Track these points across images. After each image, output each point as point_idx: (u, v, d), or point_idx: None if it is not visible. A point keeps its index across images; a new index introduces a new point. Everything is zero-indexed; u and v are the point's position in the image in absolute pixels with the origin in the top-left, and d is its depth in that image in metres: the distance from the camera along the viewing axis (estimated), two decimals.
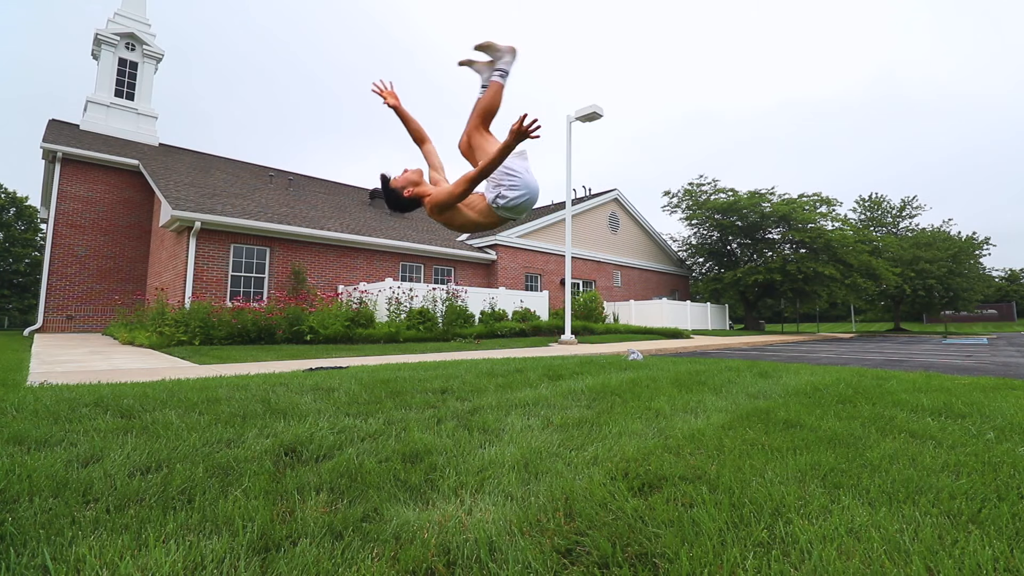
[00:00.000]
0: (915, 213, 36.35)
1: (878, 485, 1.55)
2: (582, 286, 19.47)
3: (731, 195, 23.48)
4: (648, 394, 3.25)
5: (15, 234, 30.43)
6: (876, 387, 3.64)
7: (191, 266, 10.30)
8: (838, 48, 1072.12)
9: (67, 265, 13.36)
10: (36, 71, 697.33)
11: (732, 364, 5.40)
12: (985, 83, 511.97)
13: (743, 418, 2.54)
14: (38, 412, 2.37)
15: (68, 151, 13.30)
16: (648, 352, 8.18)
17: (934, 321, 44.86)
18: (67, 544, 1.12)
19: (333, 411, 2.58)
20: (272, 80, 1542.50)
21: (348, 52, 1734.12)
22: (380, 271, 13.53)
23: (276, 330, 8.48)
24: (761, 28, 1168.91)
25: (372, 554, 1.12)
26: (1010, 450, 1.95)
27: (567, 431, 2.25)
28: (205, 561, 1.06)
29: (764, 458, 1.82)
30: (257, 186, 15.16)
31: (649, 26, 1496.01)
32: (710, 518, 1.28)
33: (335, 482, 1.55)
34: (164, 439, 1.95)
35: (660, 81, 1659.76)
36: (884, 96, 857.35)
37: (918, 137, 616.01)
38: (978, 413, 2.67)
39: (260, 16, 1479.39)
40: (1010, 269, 54.07)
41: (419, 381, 3.66)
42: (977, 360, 7.50)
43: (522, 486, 1.53)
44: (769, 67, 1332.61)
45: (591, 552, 1.14)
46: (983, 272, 34.59)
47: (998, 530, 1.24)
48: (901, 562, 1.09)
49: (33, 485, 1.44)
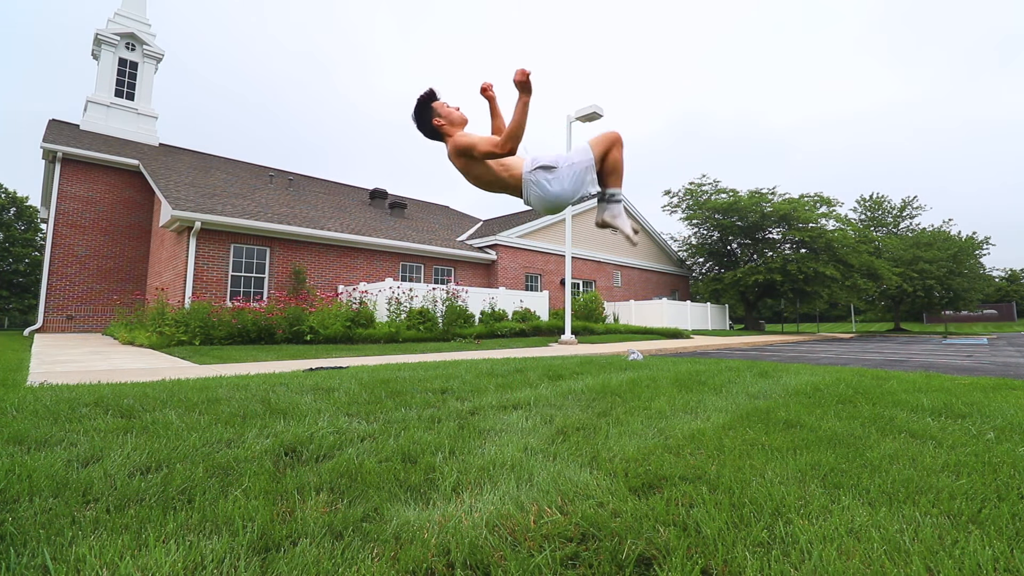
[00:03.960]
0: (915, 213, 36.37)
1: (878, 485, 1.55)
2: (582, 286, 19.46)
3: (732, 195, 23.47)
4: (648, 394, 3.25)
5: (15, 234, 30.42)
6: (876, 387, 3.64)
7: (191, 266, 10.30)
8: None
9: (67, 265, 13.36)
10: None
11: (732, 364, 5.39)
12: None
13: (743, 418, 2.54)
14: (38, 412, 2.37)
15: (68, 151, 13.31)
16: (648, 352, 8.18)
17: (934, 321, 44.87)
18: (67, 544, 1.12)
19: (333, 411, 2.58)
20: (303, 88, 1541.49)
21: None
22: (380, 271, 13.53)
23: (276, 330, 8.48)
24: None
25: (372, 554, 1.12)
26: (1010, 450, 1.95)
27: (567, 431, 2.25)
28: (205, 561, 1.06)
29: (764, 458, 1.82)
30: (257, 186, 15.16)
31: (649, 29, 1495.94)
32: (710, 518, 1.28)
33: (335, 482, 1.55)
34: (164, 439, 1.95)
35: (657, 83, 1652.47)
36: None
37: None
38: (978, 413, 2.67)
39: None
40: (1010, 269, 54.07)
41: (419, 381, 3.66)
42: (977, 360, 7.49)
43: (522, 486, 1.53)
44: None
45: (591, 552, 1.14)
46: (983, 272, 34.59)
47: (998, 530, 1.24)
48: (901, 562, 1.09)
49: (33, 485, 1.44)
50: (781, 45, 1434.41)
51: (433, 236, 15.96)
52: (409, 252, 14.17)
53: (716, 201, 23.42)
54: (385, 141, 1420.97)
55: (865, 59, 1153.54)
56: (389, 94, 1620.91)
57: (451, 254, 15.06)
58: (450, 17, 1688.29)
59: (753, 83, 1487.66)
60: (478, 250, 16.20)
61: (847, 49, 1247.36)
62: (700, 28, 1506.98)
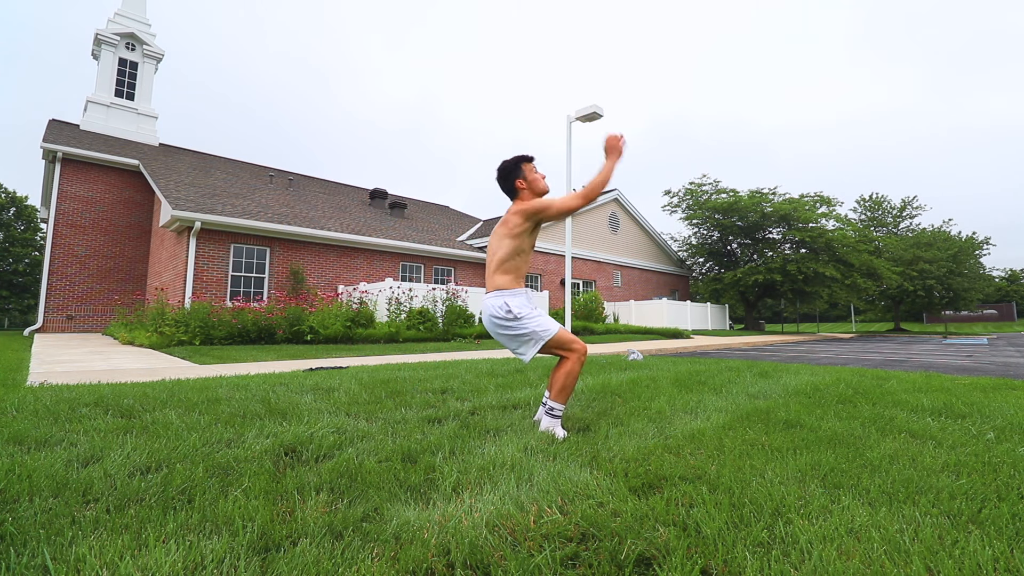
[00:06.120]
0: (915, 213, 36.34)
1: (878, 485, 1.55)
2: (582, 286, 19.46)
3: (732, 195, 23.46)
4: (648, 394, 3.25)
5: (15, 234, 30.41)
6: (876, 387, 3.64)
7: (191, 266, 10.29)
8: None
9: (67, 265, 13.36)
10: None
11: (732, 364, 5.39)
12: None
13: (743, 418, 2.54)
14: (38, 412, 2.37)
15: (68, 151, 13.30)
16: (648, 352, 8.18)
17: (934, 321, 44.88)
18: (67, 544, 1.12)
19: (333, 411, 2.58)
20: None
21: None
22: (380, 271, 13.52)
23: (276, 330, 8.47)
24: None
25: (372, 554, 1.12)
26: (1010, 450, 1.95)
27: (567, 431, 2.25)
28: (205, 561, 1.06)
29: (764, 458, 1.82)
30: (257, 186, 15.16)
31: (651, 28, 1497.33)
32: (710, 518, 1.28)
33: (335, 482, 1.55)
34: (164, 439, 1.95)
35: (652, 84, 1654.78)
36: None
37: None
38: (978, 413, 2.67)
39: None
40: (1010, 269, 54.08)
41: (419, 381, 3.66)
42: (977, 360, 7.49)
43: (522, 486, 1.53)
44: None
45: (591, 552, 1.14)
46: (983, 272, 34.59)
47: (998, 530, 1.24)
48: (901, 562, 1.09)
49: (33, 485, 1.44)
50: (765, 52, 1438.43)
51: (433, 236, 15.96)
52: (409, 252, 14.17)
53: (716, 201, 23.41)
54: (381, 145, 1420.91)
55: (848, 67, 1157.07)
56: (386, 100, 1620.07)
57: (451, 254, 15.06)
58: (443, 26, 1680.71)
59: (737, 88, 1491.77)
60: (478, 250, 16.19)
61: (832, 56, 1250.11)
62: (691, 34, 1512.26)
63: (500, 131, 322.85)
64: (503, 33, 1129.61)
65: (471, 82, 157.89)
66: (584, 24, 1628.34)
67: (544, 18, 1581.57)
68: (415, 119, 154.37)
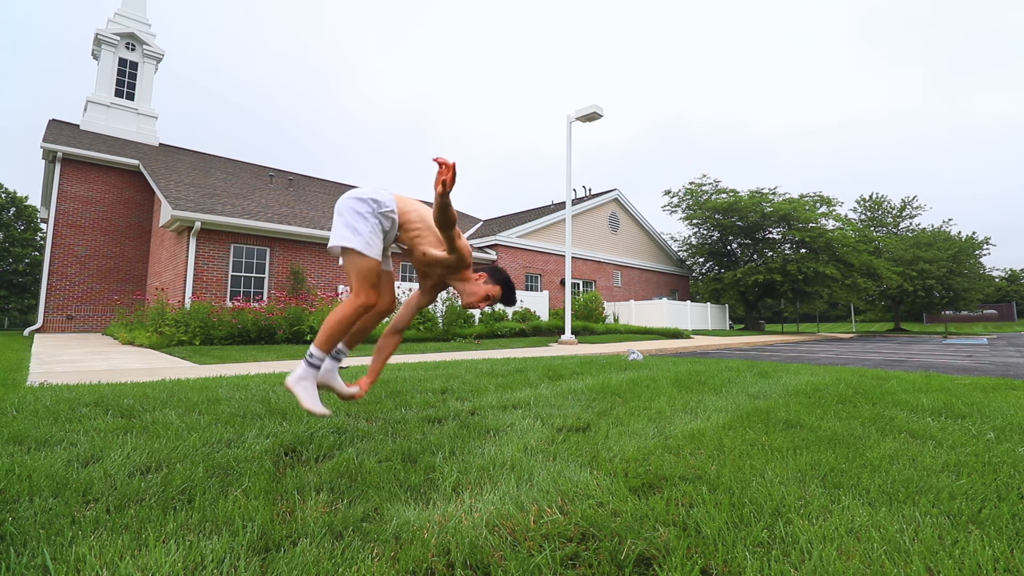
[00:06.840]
0: (915, 213, 36.34)
1: (878, 485, 1.55)
2: (582, 286, 19.46)
3: (732, 195, 23.47)
4: (648, 394, 3.25)
5: (15, 234, 30.43)
6: (876, 387, 3.64)
7: (191, 266, 10.29)
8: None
9: (67, 265, 13.36)
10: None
11: (732, 364, 5.40)
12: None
13: (743, 418, 2.54)
14: (38, 412, 2.37)
15: (68, 151, 13.31)
16: (648, 352, 8.18)
17: (934, 321, 44.87)
18: (67, 544, 1.12)
19: (333, 411, 2.58)
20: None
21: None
22: None
23: (276, 330, 8.48)
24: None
25: (372, 554, 1.12)
26: (1010, 450, 1.95)
27: (567, 431, 2.25)
28: (205, 561, 1.06)
29: (764, 458, 1.82)
30: (257, 186, 15.15)
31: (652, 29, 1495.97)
32: (710, 518, 1.28)
33: (335, 482, 1.55)
34: (164, 439, 1.95)
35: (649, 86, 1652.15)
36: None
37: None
38: (978, 413, 2.67)
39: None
40: (1010, 269, 54.08)
41: (419, 381, 3.67)
42: (977, 360, 7.49)
43: (522, 486, 1.53)
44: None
45: (591, 552, 1.14)
46: (983, 272, 34.59)
47: (998, 530, 1.24)
48: (901, 562, 1.09)
49: (33, 485, 1.44)
50: (765, 52, 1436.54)
51: None
52: None
53: (716, 201, 23.41)
54: (381, 145, 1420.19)
55: (848, 67, 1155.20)
56: (387, 100, 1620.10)
57: None
58: (442, 27, 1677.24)
59: (737, 88, 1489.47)
60: (478, 250, 16.19)
61: (832, 56, 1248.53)
62: (691, 33, 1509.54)
63: (500, 131, 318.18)
64: (503, 33, 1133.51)
65: (471, 82, 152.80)
66: (584, 24, 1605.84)
67: (544, 18, 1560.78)
68: (415, 119, 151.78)
